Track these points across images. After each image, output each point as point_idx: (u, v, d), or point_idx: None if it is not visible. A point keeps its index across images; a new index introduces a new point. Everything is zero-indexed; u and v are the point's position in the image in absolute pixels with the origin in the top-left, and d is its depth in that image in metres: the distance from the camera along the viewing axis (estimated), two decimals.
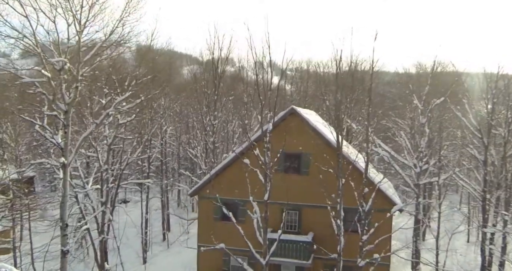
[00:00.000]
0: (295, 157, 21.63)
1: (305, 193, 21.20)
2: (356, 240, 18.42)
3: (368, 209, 17.09)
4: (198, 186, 22.79)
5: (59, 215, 21.06)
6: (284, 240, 20.68)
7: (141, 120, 28.94)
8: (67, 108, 20.75)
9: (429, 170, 23.27)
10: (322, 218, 20.96)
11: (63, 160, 20.51)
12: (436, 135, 24.33)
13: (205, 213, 22.79)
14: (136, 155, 27.30)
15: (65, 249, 20.93)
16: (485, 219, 27.90)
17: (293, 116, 21.45)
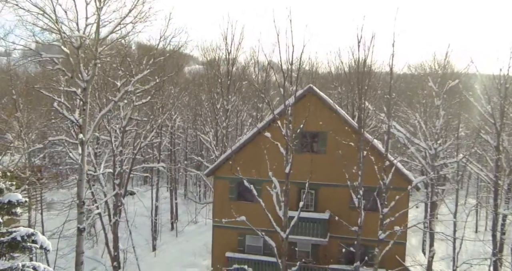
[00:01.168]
0: (313, 135, 21.70)
1: (322, 172, 21.20)
2: (373, 219, 18.50)
3: (387, 183, 17.17)
4: (215, 165, 22.82)
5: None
6: (301, 218, 20.69)
7: (153, 105, 28.98)
8: (85, 85, 20.89)
9: (443, 152, 23.28)
10: (338, 196, 21.11)
11: (81, 137, 20.62)
12: (451, 118, 24.43)
13: (221, 194, 22.82)
14: (149, 139, 27.29)
15: (81, 226, 21.03)
16: (497, 205, 27.96)
17: (310, 95, 21.52)
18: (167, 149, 37.76)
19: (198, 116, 35.87)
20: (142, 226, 36.84)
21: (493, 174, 27.75)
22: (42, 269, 14.64)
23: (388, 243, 17.43)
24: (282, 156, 17.54)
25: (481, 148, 29.53)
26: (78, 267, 21.12)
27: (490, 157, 28.37)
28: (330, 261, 21.12)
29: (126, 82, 22.58)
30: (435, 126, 23.17)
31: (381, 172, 17.02)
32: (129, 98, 25.07)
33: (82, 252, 21.22)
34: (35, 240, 14.27)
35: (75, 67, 20.48)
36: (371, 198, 17.74)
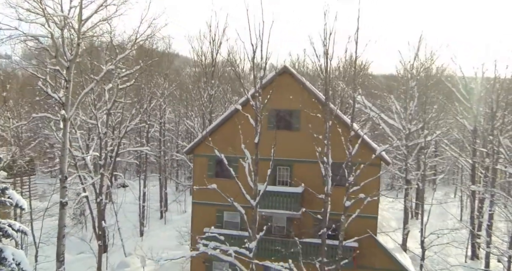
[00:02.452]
0: (287, 113, 22.42)
1: (297, 148, 21.91)
2: (343, 194, 18.98)
3: (353, 153, 17.83)
4: (193, 143, 23.58)
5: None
6: (275, 192, 21.43)
7: (140, 90, 29.78)
8: (69, 64, 21.73)
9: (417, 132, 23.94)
10: (313, 172, 21.64)
11: (64, 113, 21.42)
12: (425, 100, 25.14)
13: (200, 171, 23.53)
14: (135, 123, 28.07)
15: (63, 201, 21.77)
16: (474, 192, 28.59)
17: (285, 74, 22.28)
18: (157, 139, 38.53)
19: (184, 101, 36.54)
20: (132, 214, 37.56)
21: (470, 157, 28.51)
22: (18, 227, 15.39)
23: (355, 211, 18.06)
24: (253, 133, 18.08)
25: (460, 134, 30.27)
26: (60, 241, 21.81)
27: (467, 142, 29.12)
28: (304, 235, 21.70)
29: (110, 64, 23.37)
30: (409, 107, 23.88)
31: (347, 142, 17.72)
32: (114, 82, 25.89)
33: (64, 226, 21.92)
34: (10, 197, 15.01)
35: (59, 47, 21.36)
36: (341, 173, 18.31)
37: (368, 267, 21.41)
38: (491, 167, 26.18)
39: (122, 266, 26.69)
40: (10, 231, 14.59)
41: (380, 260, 21.35)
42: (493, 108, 25.79)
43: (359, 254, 21.23)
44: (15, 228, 14.94)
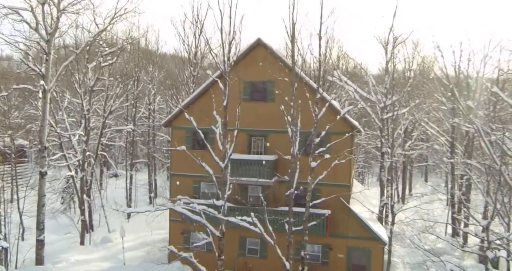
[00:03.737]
0: (262, 85, 22.87)
1: (271, 119, 22.33)
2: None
3: (320, 115, 18.30)
4: (171, 115, 24.12)
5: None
6: (249, 160, 21.85)
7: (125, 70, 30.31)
8: (48, 37, 22.33)
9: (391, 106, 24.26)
10: (286, 142, 22.10)
11: (43, 83, 21.98)
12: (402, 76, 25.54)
13: (177, 143, 23.95)
14: (119, 103, 28.65)
15: (43, 170, 22.33)
16: (453, 167, 28.89)
17: (260, 47, 22.77)
18: (147, 125, 39.04)
19: (173, 87, 37.06)
20: (122, 201, 37.99)
21: (449, 135, 28.83)
22: None
23: (327, 178, 18.50)
24: (233, 104, 18.48)
25: (441, 114, 30.56)
26: (40, 209, 22.37)
27: (447, 120, 29.41)
28: (278, 203, 22.11)
29: (91, 41, 23.95)
30: (385, 81, 24.31)
31: (314, 105, 18.20)
32: (97, 60, 26.50)
33: (43, 195, 22.49)
34: None
35: (39, 21, 22.01)
36: (310, 142, 18.73)
37: (341, 236, 21.75)
38: (469, 144, 26.51)
39: (105, 241, 27.14)
40: None
41: (353, 228, 21.69)
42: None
43: (332, 222, 21.62)
44: None
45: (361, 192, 25.39)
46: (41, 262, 22.37)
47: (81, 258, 23.91)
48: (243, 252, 23.12)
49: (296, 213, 20.13)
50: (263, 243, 22.87)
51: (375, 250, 21.53)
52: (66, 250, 25.57)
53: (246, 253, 23.12)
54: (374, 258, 21.56)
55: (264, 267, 22.51)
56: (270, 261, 22.31)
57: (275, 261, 21.60)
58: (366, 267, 21.72)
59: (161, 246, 25.62)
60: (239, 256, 22.95)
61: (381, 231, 22.50)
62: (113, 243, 27.05)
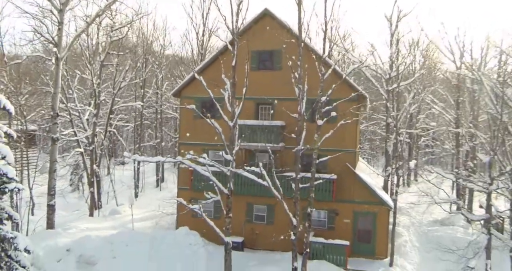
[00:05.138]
0: (269, 54, 23.33)
1: (278, 87, 22.72)
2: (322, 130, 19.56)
3: (326, 76, 18.70)
4: (181, 85, 24.56)
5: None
6: (257, 125, 22.27)
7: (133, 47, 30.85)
8: (61, 7, 22.93)
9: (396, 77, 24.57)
10: (293, 110, 22.49)
11: (56, 51, 22.54)
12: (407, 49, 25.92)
13: (186, 113, 24.46)
14: (129, 80, 29.21)
15: (55, 136, 22.83)
16: (458, 141, 29.14)
17: (267, 17, 23.25)
18: (154, 110, 39.54)
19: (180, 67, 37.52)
20: (130, 183, 38.51)
21: (455, 111, 29.12)
22: (5, 130, 16.31)
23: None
24: (241, 73, 18.92)
25: (446, 91, 30.83)
26: (52, 174, 22.84)
27: (452, 98, 29.69)
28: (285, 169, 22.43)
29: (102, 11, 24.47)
30: (390, 53, 24.72)
31: (320, 65, 18.63)
32: (107, 35, 27.08)
33: (55, 160, 22.94)
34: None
35: None
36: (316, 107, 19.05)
37: (347, 200, 22.04)
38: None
39: (113, 213, 27.56)
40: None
41: (359, 193, 21.99)
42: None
43: (338, 187, 21.92)
44: (2, 130, 15.86)
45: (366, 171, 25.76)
46: (52, 226, 22.82)
47: (91, 226, 24.32)
48: (250, 219, 23.45)
49: (302, 178, 20.37)
50: (269, 210, 23.23)
51: (380, 215, 21.81)
52: (75, 220, 26.03)
53: (253, 220, 23.45)
54: (380, 223, 21.83)
55: (271, 233, 22.77)
56: (276, 227, 22.61)
57: (281, 227, 22.00)
58: (371, 231, 21.98)
59: (169, 213, 26.02)
60: (246, 223, 23.25)
61: (386, 197, 22.77)
62: (121, 215, 27.46)
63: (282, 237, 19.21)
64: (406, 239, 23.61)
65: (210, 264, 20.61)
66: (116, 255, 21.16)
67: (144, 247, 21.58)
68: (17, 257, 16.19)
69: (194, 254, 21.30)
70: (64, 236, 21.88)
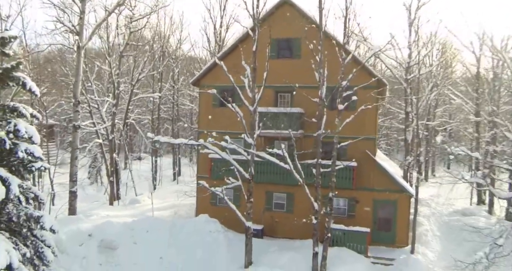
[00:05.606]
0: (288, 42, 23.38)
1: (297, 75, 22.69)
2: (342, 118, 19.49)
3: (347, 60, 18.68)
4: (200, 74, 24.72)
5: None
6: (276, 113, 22.29)
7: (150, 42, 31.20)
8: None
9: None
10: (313, 96, 22.41)
11: (77, 39, 22.85)
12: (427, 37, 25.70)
13: (205, 102, 24.62)
14: (147, 71, 29.52)
15: (76, 124, 23.13)
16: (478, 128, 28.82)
17: (286, 5, 23.30)
18: (170, 103, 39.84)
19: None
20: (147, 175, 38.87)
21: (474, 102, 28.85)
22: (31, 111, 16.55)
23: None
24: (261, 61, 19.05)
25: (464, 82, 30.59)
26: (73, 161, 23.11)
27: (471, 88, 29.44)
28: (304, 157, 22.38)
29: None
30: (409, 41, 24.59)
31: (341, 49, 18.63)
32: (126, 26, 27.39)
33: (76, 148, 23.23)
34: (24, 81, 16.13)
35: None
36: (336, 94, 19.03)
37: (367, 188, 21.94)
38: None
39: (133, 202, 27.81)
40: (24, 111, 15.80)
41: (379, 181, 21.87)
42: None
43: (358, 175, 21.82)
44: (28, 112, 16.09)
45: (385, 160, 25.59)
46: (74, 212, 23.11)
47: (111, 214, 24.56)
48: (269, 207, 23.46)
49: (323, 166, 20.29)
50: (289, 198, 23.23)
51: (401, 203, 21.66)
52: (96, 208, 26.30)
53: (272, 208, 23.46)
54: (400, 211, 21.68)
55: (290, 221, 22.77)
56: (296, 215, 22.57)
57: (301, 215, 21.95)
58: (392, 219, 21.85)
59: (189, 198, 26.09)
60: (266, 211, 23.26)
61: (407, 185, 22.61)
62: (141, 204, 27.70)
63: (304, 220, 19.11)
64: (427, 228, 23.42)
65: (231, 251, 20.65)
66: (136, 240, 21.32)
67: (164, 234, 21.71)
68: (42, 237, 16.43)
69: (214, 240, 21.35)
70: (86, 222, 22.13)
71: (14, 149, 14.92)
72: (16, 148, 14.93)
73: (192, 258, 20.47)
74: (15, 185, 14.35)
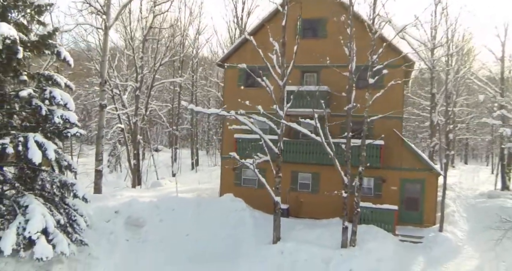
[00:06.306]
0: (314, 22, 23.33)
1: (323, 55, 22.63)
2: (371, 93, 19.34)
3: (376, 36, 18.59)
4: (226, 54, 24.77)
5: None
6: (303, 90, 22.19)
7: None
8: None
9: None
10: (339, 77, 22.32)
11: (104, 19, 22.98)
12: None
13: (230, 82, 24.64)
14: (169, 57, 29.65)
15: (103, 103, 23.24)
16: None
17: None
18: (190, 93, 40.00)
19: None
20: (166, 166, 39.00)
21: (499, 87, 28.56)
22: (65, 81, 16.65)
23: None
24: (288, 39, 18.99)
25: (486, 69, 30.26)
26: (99, 140, 23.22)
27: (495, 74, 29.17)
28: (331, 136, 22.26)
29: None
30: (432, 22, 24.48)
31: (371, 30, 18.56)
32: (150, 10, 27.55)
33: (103, 127, 23.33)
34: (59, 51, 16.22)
35: None
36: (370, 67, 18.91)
37: (394, 167, 21.77)
38: None
39: (155, 185, 27.86)
40: (59, 79, 15.91)
41: (406, 159, 21.69)
42: None
43: (385, 154, 21.63)
44: (63, 81, 16.20)
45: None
46: (99, 191, 23.22)
47: (135, 195, 24.59)
48: (294, 187, 23.36)
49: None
50: (314, 178, 23.13)
51: (428, 182, 21.47)
52: (119, 190, 26.37)
53: (297, 188, 23.36)
54: (428, 190, 21.48)
55: (315, 202, 22.69)
56: (321, 195, 22.50)
57: (325, 195, 21.88)
58: (419, 199, 21.65)
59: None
60: (291, 191, 23.17)
61: (433, 164, 22.40)
62: (163, 187, 27.77)
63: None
64: (453, 209, 23.17)
65: (257, 228, 20.58)
66: (162, 218, 21.34)
67: (190, 212, 21.72)
68: (75, 206, 16.50)
69: (240, 219, 21.30)
70: (112, 200, 22.19)
71: (49, 115, 15.02)
72: (52, 114, 15.03)
73: (219, 235, 20.43)
74: (51, 150, 14.42)
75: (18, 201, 14.45)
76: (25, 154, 13.92)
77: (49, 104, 15.20)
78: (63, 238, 14.62)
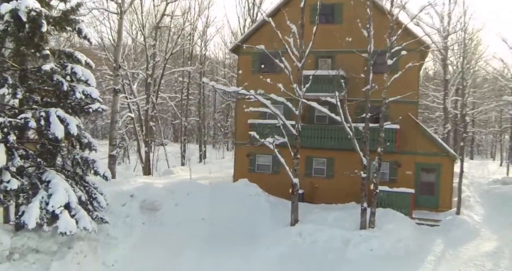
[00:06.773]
0: (329, 7, 23.27)
1: (338, 40, 22.59)
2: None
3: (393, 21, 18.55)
4: (240, 40, 24.72)
5: None
6: (318, 76, 22.09)
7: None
8: None
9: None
10: (354, 62, 22.24)
11: (120, 3, 22.93)
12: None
13: (244, 68, 24.54)
14: (180, 46, 29.65)
15: (117, 87, 23.19)
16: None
17: None
18: (198, 85, 39.98)
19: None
20: (175, 156, 38.95)
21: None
22: (85, 58, 16.55)
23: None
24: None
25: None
26: (113, 125, 23.16)
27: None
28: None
29: None
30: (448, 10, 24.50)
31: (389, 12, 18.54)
32: None
33: (117, 111, 23.29)
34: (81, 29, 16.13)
35: None
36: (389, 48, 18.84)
37: (410, 152, 21.71)
38: None
39: (167, 173, 27.78)
40: (79, 56, 15.84)
41: (422, 144, 21.62)
42: None
43: (400, 138, 21.55)
44: (83, 58, 16.12)
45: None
46: (113, 176, 23.11)
47: (149, 181, 24.54)
48: (309, 173, 23.27)
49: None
50: (329, 164, 23.07)
51: (444, 166, 21.41)
52: (132, 177, 26.32)
53: (312, 174, 23.28)
54: (444, 174, 21.42)
55: (330, 187, 22.61)
56: (336, 180, 22.46)
57: (341, 180, 21.82)
58: (435, 183, 21.58)
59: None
60: (306, 177, 23.08)
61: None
62: (175, 174, 27.72)
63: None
64: (468, 194, 23.10)
65: (273, 212, 20.52)
66: (178, 202, 21.26)
67: (205, 197, 21.66)
68: (94, 185, 16.43)
69: (255, 203, 21.25)
70: (127, 184, 22.13)
71: (71, 91, 14.95)
72: (73, 90, 14.97)
73: (235, 219, 20.34)
74: (73, 125, 14.37)
75: (40, 176, 14.37)
76: (47, 129, 13.86)
77: (70, 80, 15.11)
78: (85, 214, 14.54)
